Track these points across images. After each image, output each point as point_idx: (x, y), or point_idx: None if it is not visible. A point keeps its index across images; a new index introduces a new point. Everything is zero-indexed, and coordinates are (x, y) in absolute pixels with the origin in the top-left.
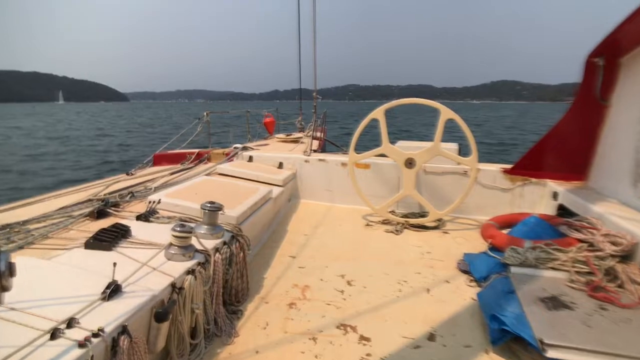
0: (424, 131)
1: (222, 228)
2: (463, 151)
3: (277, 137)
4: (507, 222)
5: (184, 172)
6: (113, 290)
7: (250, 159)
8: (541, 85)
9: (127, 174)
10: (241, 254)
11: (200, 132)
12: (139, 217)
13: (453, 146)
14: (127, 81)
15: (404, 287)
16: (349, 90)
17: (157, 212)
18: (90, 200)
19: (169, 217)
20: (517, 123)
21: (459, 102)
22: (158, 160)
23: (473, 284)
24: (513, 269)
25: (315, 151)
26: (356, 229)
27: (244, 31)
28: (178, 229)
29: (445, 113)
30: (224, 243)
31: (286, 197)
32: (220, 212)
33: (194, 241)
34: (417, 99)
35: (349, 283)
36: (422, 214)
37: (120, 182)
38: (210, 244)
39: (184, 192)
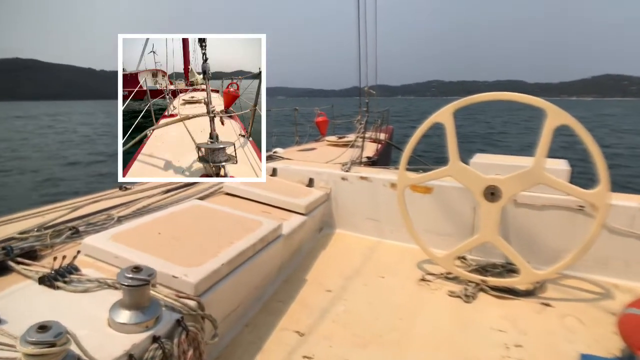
0: (511, 137)
1: (157, 308)
2: (577, 173)
3: (328, 140)
4: None
5: (187, 188)
6: None
7: (274, 172)
8: None
9: (121, 189)
10: (190, 354)
11: None
12: (42, 280)
13: (561, 166)
14: None
15: None
16: (431, 86)
17: (78, 270)
18: None
19: (95, 281)
20: (628, 123)
21: (555, 98)
22: None
23: None
24: None
25: (369, 159)
26: (406, 286)
27: (322, 25)
28: (31, 338)
29: (556, 116)
30: (154, 339)
31: (313, 227)
32: (149, 285)
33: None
34: (503, 93)
35: None
36: (510, 268)
37: (99, 201)
38: (122, 343)
39: (143, 231)
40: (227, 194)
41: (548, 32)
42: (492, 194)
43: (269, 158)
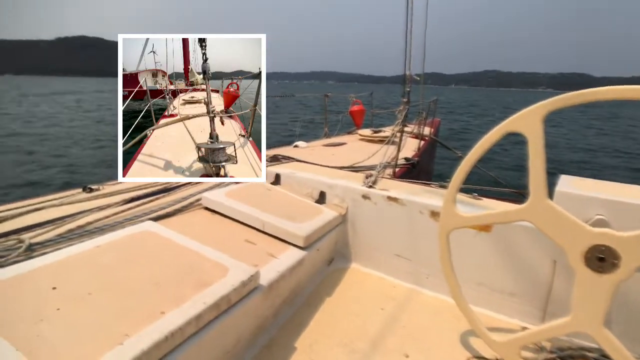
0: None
1: None
2: None
3: (361, 133)
4: None
5: (162, 196)
6: None
7: (277, 179)
8: None
9: (84, 190)
10: None
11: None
12: None
13: None
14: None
15: None
16: (488, 76)
17: None
18: None
19: None
20: None
21: None
22: None
23: None
24: None
25: (408, 160)
26: None
27: (377, 6)
28: None
29: None
30: None
31: (317, 262)
32: None
33: None
34: (631, 87)
35: None
36: None
37: (45, 208)
38: None
39: (33, 280)
40: (207, 208)
41: (614, 24)
42: (600, 259)
43: (274, 159)
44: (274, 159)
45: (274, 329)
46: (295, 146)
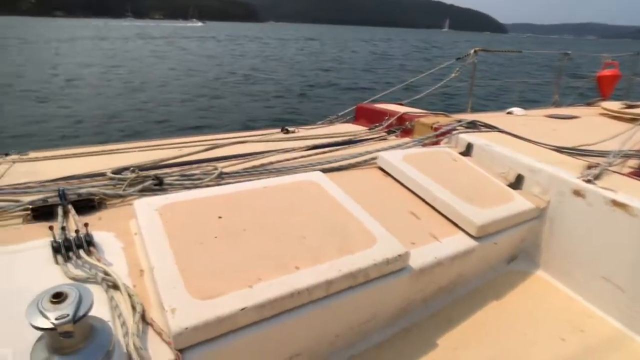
0: None
1: (97, 349)
2: None
3: (605, 107)
4: None
5: (346, 147)
6: None
7: (468, 149)
8: None
9: (282, 130)
10: None
11: (457, 81)
12: (55, 248)
13: None
14: (508, 11)
15: None
16: None
17: (91, 245)
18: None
19: (95, 270)
20: None
21: None
22: (361, 115)
23: None
24: None
25: None
26: None
27: None
28: None
29: None
30: None
31: (491, 259)
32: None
33: None
34: None
35: None
36: None
37: (244, 142)
38: None
39: (201, 208)
40: (381, 169)
41: None
42: None
43: (471, 126)
44: (471, 125)
45: (421, 314)
46: (509, 113)
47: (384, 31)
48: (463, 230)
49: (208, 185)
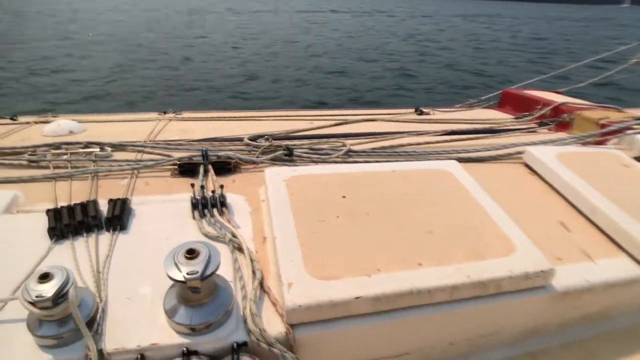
0: None
1: (218, 308)
2: None
3: None
4: None
5: (490, 136)
6: None
7: None
8: None
9: (416, 111)
10: None
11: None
12: (194, 204)
13: None
14: None
15: None
16: None
17: (224, 206)
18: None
19: (224, 230)
20: None
21: None
22: (507, 101)
23: None
24: None
25: None
26: None
27: None
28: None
29: None
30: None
31: None
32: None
33: None
34: None
35: None
36: None
37: (374, 120)
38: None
39: (333, 183)
40: (527, 166)
41: None
42: None
43: None
44: None
45: (553, 340)
46: None
47: (555, 8)
48: (627, 253)
49: (335, 161)
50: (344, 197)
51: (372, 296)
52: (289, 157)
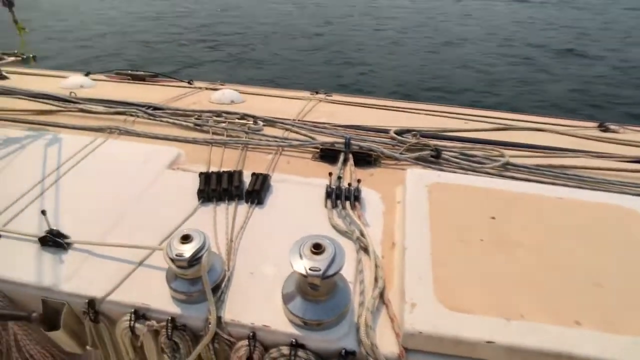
0: None
1: (335, 307)
2: None
3: None
4: None
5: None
6: None
7: None
8: None
9: (600, 127)
10: None
11: None
12: (329, 195)
13: None
14: None
15: None
16: None
17: (358, 200)
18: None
19: (353, 226)
20: None
21: None
22: None
23: None
24: None
25: None
26: None
27: None
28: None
29: None
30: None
31: None
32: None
33: None
34: None
35: None
36: None
37: (542, 130)
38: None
39: (471, 197)
40: None
41: None
42: None
43: None
44: None
45: None
46: None
47: None
48: None
49: (488, 173)
50: (493, 218)
51: (507, 345)
52: (435, 158)
